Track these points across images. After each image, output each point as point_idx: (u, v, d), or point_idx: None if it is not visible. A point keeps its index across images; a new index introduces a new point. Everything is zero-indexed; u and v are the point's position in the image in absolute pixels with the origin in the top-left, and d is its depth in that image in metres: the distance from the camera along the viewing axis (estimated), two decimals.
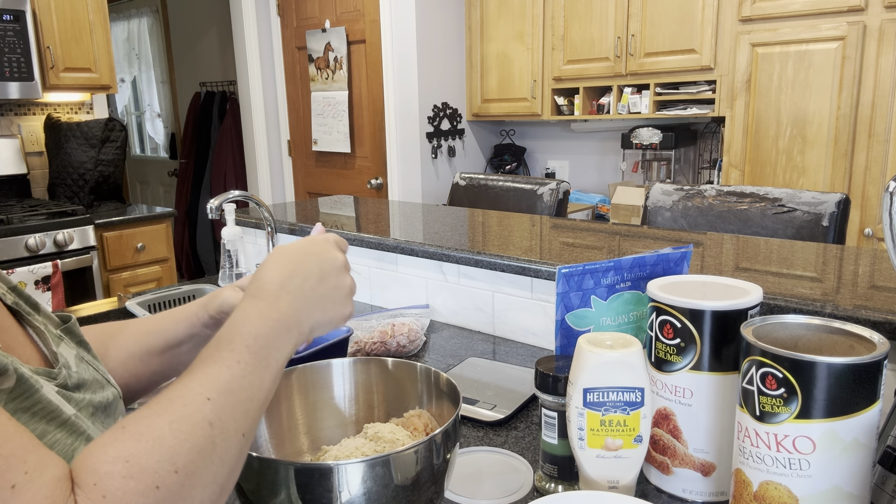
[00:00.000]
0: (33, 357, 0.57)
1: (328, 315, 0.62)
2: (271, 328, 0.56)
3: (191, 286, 1.71)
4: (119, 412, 0.62)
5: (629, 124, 3.37)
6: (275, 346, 0.56)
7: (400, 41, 3.38)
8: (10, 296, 0.60)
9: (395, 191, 3.53)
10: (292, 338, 0.58)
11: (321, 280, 0.62)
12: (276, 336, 0.56)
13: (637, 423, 0.76)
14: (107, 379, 0.62)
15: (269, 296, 0.59)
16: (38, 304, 0.63)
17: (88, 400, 0.56)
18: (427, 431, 0.79)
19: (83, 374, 0.58)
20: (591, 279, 0.87)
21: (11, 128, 3.34)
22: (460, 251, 1.42)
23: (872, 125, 2.46)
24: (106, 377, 0.63)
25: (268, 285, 0.60)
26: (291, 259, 0.62)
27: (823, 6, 2.49)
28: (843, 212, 1.60)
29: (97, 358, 0.65)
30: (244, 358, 0.53)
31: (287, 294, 0.59)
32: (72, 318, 0.65)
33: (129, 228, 3.20)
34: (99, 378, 0.61)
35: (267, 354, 0.55)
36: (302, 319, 0.59)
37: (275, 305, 0.58)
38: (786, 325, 0.71)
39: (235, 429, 0.50)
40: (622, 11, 3.02)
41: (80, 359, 0.61)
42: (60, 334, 0.62)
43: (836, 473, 0.64)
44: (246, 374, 0.53)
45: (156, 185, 6.09)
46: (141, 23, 5.74)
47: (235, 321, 0.56)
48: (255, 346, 0.54)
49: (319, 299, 0.61)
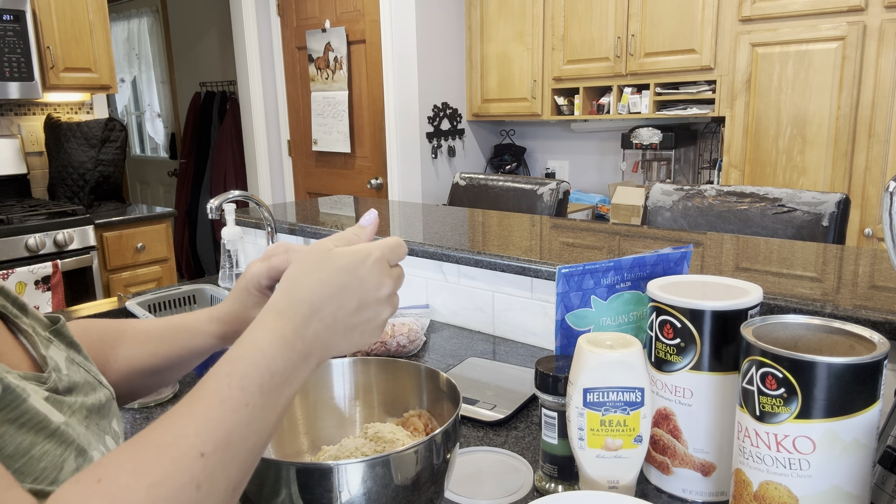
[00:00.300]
0: (23, 361, 0.55)
1: (351, 345, 0.55)
2: (291, 361, 0.50)
3: (191, 286, 1.71)
4: (113, 413, 0.60)
5: (629, 124, 3.37)
6: (290, 382, 0.50)
7: (400, 41, 3.38)
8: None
9: (395, 191, 3.53)
10: (309, 369, 0.52)
11: (358, 310, 0.54)
12: (294, 370, 0.50)
13: (637, 423, 0.76)
14: (99, 380, 0.61)
15: (298, 319, 0.51)
16: (25, 306, 0.60)
17: (81, 402, 0.54)
18: (427, 431, 0.79)
19: (74, 376, 0.57)
20: (591, 279, 0.87)
21: (11, 128, 3.34)
22: (460, 251, 1.42)
23: (872, 125, 2.46)
24: (98, 378, 0.61)
25: (300, 305, 0.52)
26: (336, 280, 0.53)
27: (823, 6, 2.49)
28: (843, 212, 1.60)
29: (88, 359, 0.62)
30: (255, 400, 0.47)
31: (318, 322, 0.52)
32: (60, 319, 0.62)
33: (129, 228, 3.20)
34: (91, 380, 0.59)
35: (280, 392, 0.49)
36: (325, 352, 0.53)
37: (302, 333, 0.51)
38: (786, 325, 0.71)
39: (226, 487, 0.44)
40: (622, 11, 3.02)
41: (71, 361, 0.59)
42: (50, 336, 0.59)
43: (836, 473, 0.64)
44: (253, 419, 0.46)
45: (156, 185, 6.09)
46: (141, 23, 5.74)
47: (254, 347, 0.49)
48: (270, 384, 0.48)
49: (348, 330, 0.54)
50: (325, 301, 0.52)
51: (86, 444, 0.51)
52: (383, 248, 0.56)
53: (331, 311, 0.52)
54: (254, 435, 0.46)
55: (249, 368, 0.48)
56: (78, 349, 0.62)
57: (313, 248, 0.56)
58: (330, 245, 0.56)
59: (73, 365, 0.58)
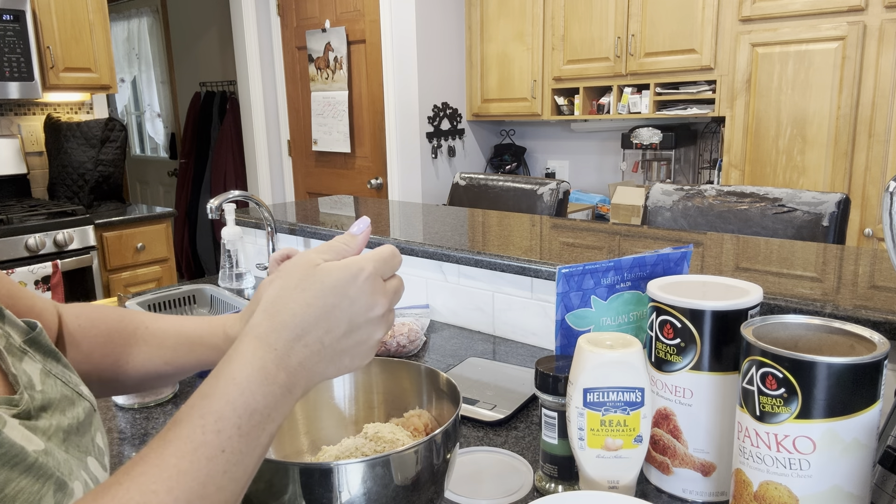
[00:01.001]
0: None
1: (339, 371, 0.50)
2: (273, 395, 0.45)
3: (191, 286, 1.70)
4: (95, 427, 0.55)
5: (629, 124, 3.37)
6: (272, 419, 0.45)
7: (400, 41, 3.38)
8: None
9: (395, 191, 3.53)
10: (293, 401, 0.47)
11: (348, 333, 0.49)
12: (276, 405, 0.45)
13: (637, 423, 0.76)
14: (78, 392, 0.55)
15: (281, 346, 0.47)
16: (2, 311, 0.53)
17: (56, 425, 0.50)
18: (427, 431, 0.79)
19: (49, 392, 0.52)
20: (591, 279, 0.87)
21: (11, 128, 3.34)
22: (460, 251, 1.42)
23: (872, 125, 2.46)
24: (77, 390, 0.55)
25: (283, 330, 0.47)
26: (323, 301, 0.48)
27: (823, 6, 2.49)
28: (843, 212, 1.60)
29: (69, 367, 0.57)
30: (232, 444, 0.42)
31: (303, 349, 0.47)
32: (38, 325, 0.56)
33: (129, 228, 3.20)
34: (69, 394, 0.54)
35: (261, 431, 0.44)
36: (310, 381, 0.48)
37: (285, 363, 0.46)
38: (786, 325, 0.71)
39: None
40: (622, 11, 3.02)
41: (47, 373, 0.53)
42: (24, 347, 0.53)
43: (836, 473, 0.64)
44: (230, 465, 0.42)
45: (156, 185, 6.09)
46: (141, 23, 5.74)
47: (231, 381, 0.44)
48: (249, 424, 0.43)
49: (337, 355, 0.49)
50: (311, 325, 0.48)
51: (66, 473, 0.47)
52: (376, 262, 0.51)
53: (317, 336, 0.48)
54: (231, 484, 0.42)
55: (225, 409, 0.43)
56: (57, 358, 0.56)
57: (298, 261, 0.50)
58: (317, 259, 0.50)
59: (50, 378, 0.53)
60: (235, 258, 1.81)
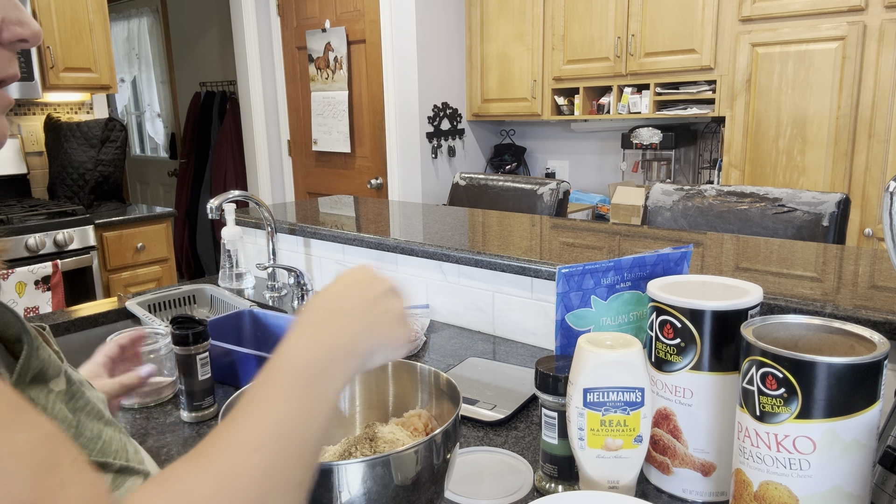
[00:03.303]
0: None
1: (385, 337, 0.58)
2: (320, 359, 0.52)
3: (191, 286, 1.70)
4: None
5: (629, 124, 3.37)
6: (326, 378, 0.51)
7: (400, 41, 3.38)
8: None
9: (395, 191, 3.53)
10: (348, 366, 0.53)
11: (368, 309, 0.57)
12: (326, 367, 0.52)
13: (637, 423, 0.76)
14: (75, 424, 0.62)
15: (316, 322, 0.54)
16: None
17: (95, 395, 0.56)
18: (427, 431, 0.79)
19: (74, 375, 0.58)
20: (591, 279, 0.87)
21: (11, 128, 3.34)
22: (460, 251, 1.42)
23: (872, 125, 2.46)
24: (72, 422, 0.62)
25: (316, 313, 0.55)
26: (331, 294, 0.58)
27: (823, 6, 2.49)
28: (844, 212, 1.60)
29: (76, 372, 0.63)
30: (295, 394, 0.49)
31: (336, 323, 0.54)
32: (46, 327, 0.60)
33: (129, 228, 3.20)
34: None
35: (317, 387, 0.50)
36: (358, 342, 0.55)
37: (323, 333, 0.54)
38: (786, 325, 0.71)
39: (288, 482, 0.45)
40: (622, 11, 3.02)
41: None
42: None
43: (836, 473, 0.64)
44: (296, 413, 0.48)
45: (156, 185, 6.09)
46: (141, 23, 5.74)
47: (283, 355, 0.52)
48: (305, 381, 0.50)
49: (369, 325, 0.56)
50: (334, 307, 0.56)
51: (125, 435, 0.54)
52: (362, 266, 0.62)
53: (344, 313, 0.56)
54: (301, 429, 0.48)
55: (282, 370, 0.50)
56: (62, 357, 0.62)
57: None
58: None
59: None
60: (235, 258, 1.81)
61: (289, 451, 0.46)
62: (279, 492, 0.44)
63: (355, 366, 0.54)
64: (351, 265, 1.72)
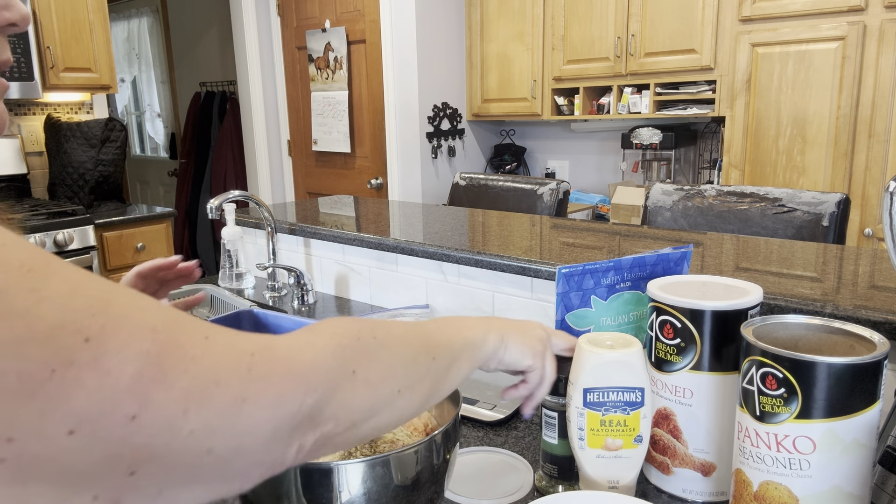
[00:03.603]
0: None
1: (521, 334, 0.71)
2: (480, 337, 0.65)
3: (191, 286, 1.70)
4: None
5: (629, 124, 3.37)
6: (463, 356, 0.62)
7: (400, 41, 3.38)
8: None
9: (395, 191, 3.53)
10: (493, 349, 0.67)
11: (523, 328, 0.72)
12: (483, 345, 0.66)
13: (637, 423, 0.76)
14: None
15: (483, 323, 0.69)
16: None
17: None
18: (427, 431, 0.79)
19: None
20: (591, 279, 0.87)
21: (11, 128, 3.34)
22: (460, 251, 1.42)
23: (872, 125, 2.46)
24: None
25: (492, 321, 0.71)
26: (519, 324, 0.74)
27: (823, 6, 2.49)
28: (843, 212, 1.60)
29: None
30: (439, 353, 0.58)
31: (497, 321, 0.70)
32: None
33: (129, 228, 3.20)
34: None
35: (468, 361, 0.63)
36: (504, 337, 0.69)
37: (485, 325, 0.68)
38: (786, 325, 0.71)
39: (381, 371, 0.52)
40: (622, 11, 3.02)
41: None
42: None
43: (836, 473, 0.64)
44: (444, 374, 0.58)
45: (156, 185, 6.09)
46: (141, 23, 5.74)
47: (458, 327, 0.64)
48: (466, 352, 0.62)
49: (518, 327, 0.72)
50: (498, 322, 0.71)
51: None
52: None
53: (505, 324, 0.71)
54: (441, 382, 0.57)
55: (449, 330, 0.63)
56: None
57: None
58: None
59: None
60: (235, 258, 1.81)
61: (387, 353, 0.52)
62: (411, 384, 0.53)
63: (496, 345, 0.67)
64: (351, 265, 1.72)
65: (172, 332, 0.35)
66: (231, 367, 0.37)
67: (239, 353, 0.39)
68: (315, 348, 0.45)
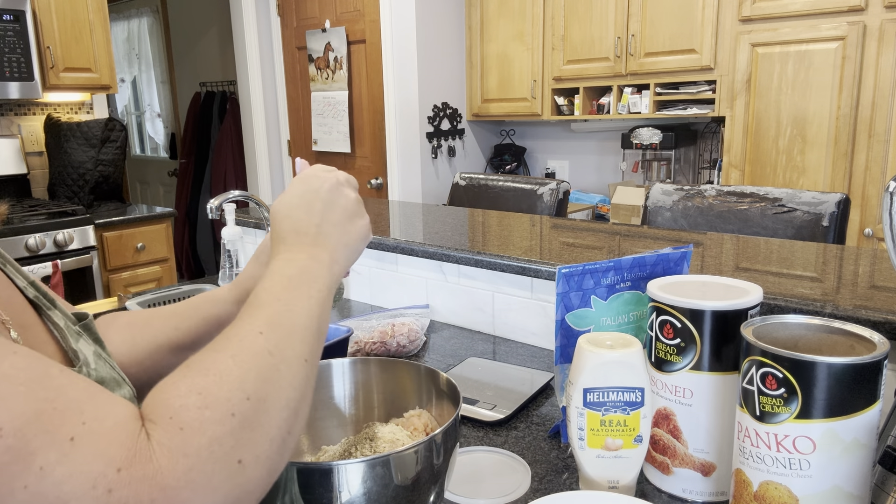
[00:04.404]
0: (55, 354, 0.56)
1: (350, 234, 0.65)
2: (301, 268, 0.59)
3: (191, 286, 1.71)
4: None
5: (629, 124, 3.37)
6: (309, 280, 0.58)
7: (400, 41, 3.38)
8: (30, 290, 0.60)
9: (395, 191, 3.53)
10: (325, 267, 0.61)
11: (327, 208, 0.64)
12: (307, 271, 0.59)
13: (637, 423, 0.76)
14: (122, 378, 0.62)
15: (289, 245, 0.61)
16: (55, 300, 0.63)
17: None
18: (427, 431, 0.79)
19: (101, 371, 0.58)
20: (591, 279, 0.87)
21: (11, 128, 3.34)
22: (460, 251, 1.42)
23: (872, 125, 2.46)
24: (122, 376, 0.62)
25: (285, 236, 0.62)
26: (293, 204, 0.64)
27: (823, 6, 2.49)
28: (843, 212, 1.60)
29: (111, 357, 0.64)
30: (283, 296, 0.55)
31: (304, 236, 0.62)
32: (88, 315, 0.65)
33: (129, 228, 3.20)
34: (116, 376, 0.60)
35: (305, 289, 0.57)
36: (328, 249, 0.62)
37: (297, 249, 0.61)
38: (786, 325, 0.71)
39: (295, 355, 0.51)
40: (622, 11, 3.02)
41: (98, 356, 0.61)
42: (79, 330, 0.62)
43: (836, 473, 0.64)
44: (288, 308, 0.54)
45: (156, 185, 6.09)
46: (141, 23, 5.74)
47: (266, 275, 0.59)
48: (291, 285, 0.57)
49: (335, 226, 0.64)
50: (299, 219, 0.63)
51: None
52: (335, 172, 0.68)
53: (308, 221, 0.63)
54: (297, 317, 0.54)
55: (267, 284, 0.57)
56: (103, 346, 0.64)
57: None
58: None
59: (101, 360, 0.60)
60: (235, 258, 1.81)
61: (290, 333, 0.52)
62: (288, 362, 0.50)
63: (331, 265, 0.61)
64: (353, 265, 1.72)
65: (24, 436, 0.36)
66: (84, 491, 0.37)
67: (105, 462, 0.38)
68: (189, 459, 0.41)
